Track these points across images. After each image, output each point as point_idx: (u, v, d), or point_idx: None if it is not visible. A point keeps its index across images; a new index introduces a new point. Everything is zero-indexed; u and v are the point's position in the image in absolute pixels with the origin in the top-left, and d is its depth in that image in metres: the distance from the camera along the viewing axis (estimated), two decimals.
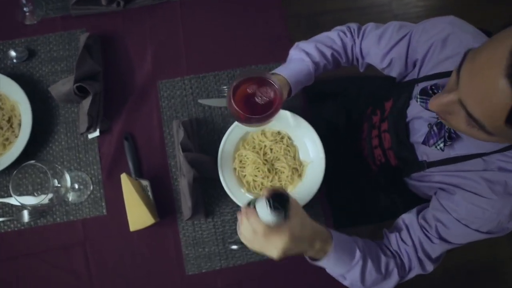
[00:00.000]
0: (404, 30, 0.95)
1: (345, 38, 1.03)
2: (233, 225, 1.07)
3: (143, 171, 1.09)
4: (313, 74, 1.02)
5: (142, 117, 1.12)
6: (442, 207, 0.87)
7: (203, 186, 1.08)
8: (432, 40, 0.87)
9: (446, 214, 0.86)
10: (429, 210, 0.91)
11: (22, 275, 1.05)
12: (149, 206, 1.03)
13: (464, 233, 0.84)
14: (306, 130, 1.06)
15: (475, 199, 0.81)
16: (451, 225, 0.85)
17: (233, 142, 1.06)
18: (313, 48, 1.01)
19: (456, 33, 0.84)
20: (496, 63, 0.54)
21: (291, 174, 1.05)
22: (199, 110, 1.12)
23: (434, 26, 0.89)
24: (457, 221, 0.84)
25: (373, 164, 1.14)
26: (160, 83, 1.13)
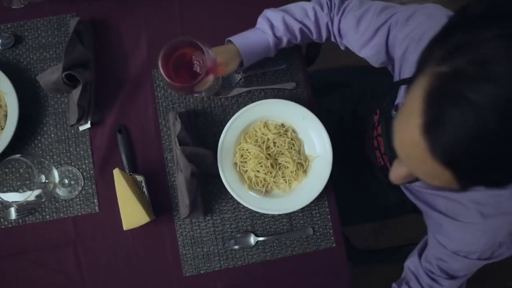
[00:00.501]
0: (385, 14, 0.84)
1: (320, 13, 0.93)
2: (233, 222, 1.01)
3: (138, 166, 1.03)
4: (272, 48, 0.95)
5: (136, 108, 1.05)
6: (438, 242, 0.83)
7: (201, 182, 1.01)
8: (408, 38, 0.78)
9: (442, 249, 0.81)
10: (428, 249, 0.87)
11: (9, 276, 0.99)
12: (143, 203, 0.96)
13: (467, 265, 0.80)
14: (312, 122, 0.99)
15: (466, 228, 0.76)
16: (451, 260, 0.81)
17: (233, 135, 0.99)
18: (279, 20, 0.93)
19: (433, 28, 0.74)
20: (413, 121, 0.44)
21: (295, 170, 0.99)
22: (198, 100, 1.05)
23: (413, 18, 0.79)
24: (455, 255, 0.80)
25: (376, 162, 1.07)
26: (155, 72, 1.06)
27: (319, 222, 1.02)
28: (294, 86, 1.06)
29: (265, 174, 0.98)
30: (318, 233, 1.01)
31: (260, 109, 1.00)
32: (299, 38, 0.96)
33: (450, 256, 0.81)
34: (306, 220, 1.02)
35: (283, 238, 1.01)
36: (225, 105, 1.05)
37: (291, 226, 1.01)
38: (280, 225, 1.01)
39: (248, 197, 0.97)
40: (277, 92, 1.06)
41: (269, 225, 1.01)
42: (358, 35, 0.89)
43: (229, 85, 1.06)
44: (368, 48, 0.89)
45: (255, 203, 0.96)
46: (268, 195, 0.99)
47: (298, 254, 1.01)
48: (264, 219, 1.01)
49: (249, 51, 0.93)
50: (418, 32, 0.76)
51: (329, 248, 1.01)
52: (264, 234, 1.01)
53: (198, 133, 1.03)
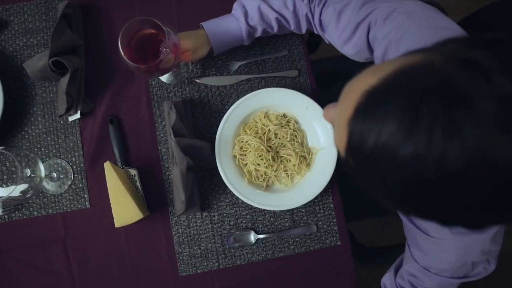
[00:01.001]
0: (365, 9, 0.76)
1: (300, 3, 0.86)
2: (232, 219, 0.95)
3: (131, 159, 0.97)
4: (245, 37, 0.91)
5: (129, 98, 0.98)
6: (411, 256, 0.79)
7: (198, 175, 0.95)
8: (387, 40, 0.71)
9: (415, 264, 0.78)
10: (403, 264, 0.84)
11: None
12: (137, 198, 0.90)
13: (439, 283, 0.76)
14: (316, 113, 0.93)
15: (436, 244, 0.71)
16: (422, 276, 0.77)
17: (232, 126, 0.93)
18: (255, 8, 0.87)
19: (411, 29, 0.67)
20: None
21: (298, 163, 0.93)
22: (194, 89, 0.99)
23: (392, 17, 0.71)
24: (426, 271, 0.76)
25: None
26: None
27: (323, 219, 0.96)
28: (297, 74, 0.99)
29: (265, 167, 0.92)
30: (322, 230, 0.96)
31: (261, 98, 0.93)
32: (275, 28, 0.90)
33: (421, 272, 0.77)
34: (309, 216, 0.96)
35: (285, 236, 0.95)
36: (224, 94, 0.99)
37: (293, 223, 0.96)
38: (282, 221, 0.96)
39: (248, 192, 0.91)
40: (279, 80, 1.00)
41: (270, 221, 0.95)
42: (338, 31, 0.82)
43: (227, 73, 0.99)
44: (349, 46, 0.82)
45: (255, 199, 0.91)
46: (269, 190, 0.93)
47: (301, 252, 0.95)
48: (265, 216, 0.95)
49: (219, 39, 0.89)
50: (397, 34, 0.69)
51: (334, 246, 0.96)
52: (265, 231, 0.95)
53: (195, 124, 0.97)
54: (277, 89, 0.94)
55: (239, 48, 0.99)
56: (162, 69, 0.82)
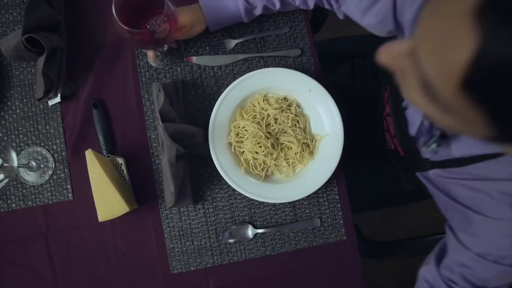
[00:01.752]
0: None
1: None
2: (228, 212, 0.87)
3: (117, 146, 0.88)
4: (243, 15, 0.84)
5: (115, 80, 0.90)
6: (460, 243, 0.68)
7: (190, 165, 0.87)
8: (417, 3, 0.63)
9: (466, 252, 0.67)
10: (449, 254, 0.72)
11: None
12: (123, 190, 0.82)
13: (499, 273, 0.65)
14: (320, 96, 0.84)
15: (496, 226, 0.61)
16: (477, 266, 0.66)
17: (228, 110, 0.84)
18: None
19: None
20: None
21: (300, 151, 0.84)
22: (186, 70, 0.90)
23: None
24: (482, 259, 0.65)
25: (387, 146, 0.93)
26: None
27: (327, 212, 0.88)
28: (299, 53, 0.90)
29: (264, 156, 0.83)
30: (326, 224, 0.88)
31: (259, 79, 0.85)
32: (278, 5, 0.82)
33: (476, 261, 0.66)
34: (312, 209, 0.88)
35: (285, 230, 0.87)
36: (218, 75, 0.90)
37: (295, 217, 0.87)
38: (283, 215, 0.87)
39: (245, 183, 0.83)
40: (279, 60, 0.91)
41: (270, 215, 0.87)
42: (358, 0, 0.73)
43: (223, 52, 0.90)
44: (372, 13, 0.73)
45: (253, 190, 0.82)
46: (268, 181, 0.85)
47: (303, 248, 0.87)
48: (264, 209, 0.87)
49: (215, 16, 0.82)
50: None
51: (339, 241, 0.88)
52: (263, 225, 0.87)
53: (187, 108, 0.89)
54: (278, 69, 0.85)
55: (236, 25, 0.90)
56: (156, 41, 0.74)
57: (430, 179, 0.77)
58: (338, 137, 0.83)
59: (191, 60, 0.90)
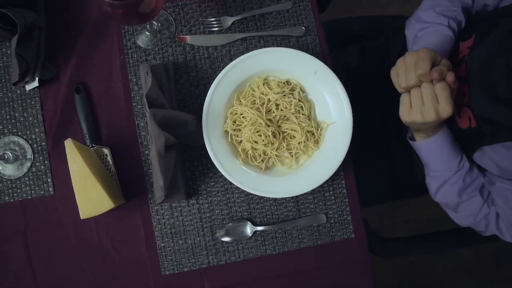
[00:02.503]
0: None
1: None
2: (225, 208, 0.79)
3: (102, 135, 0.80)
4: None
5: (99, 62, 0.81)
6: None
7: (183, 156, 0.79)
8: None
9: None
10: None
11: None
12: (108, 183, 0.74)
13: None
14: (327, 78, 0.76)
15: None
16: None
17: (224, 95, 0.76)
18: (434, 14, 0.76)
19: None
20: None
21: (304, 140, 0.76)
22: (178, 51, 0.81)
23: None
24: None
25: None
26: None
27: (334, 207, 0.80)
28: (303, 32, 0.82)
29: (264, 145, 0.75)
30: (332, 220, 0.80)
31: (259, 60, 0.76)
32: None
33: None
34: (317, 204, 0.80)
35: (288, 228, 0.79)
36: (214, 56, 0.81)
37: (298, 212, 0.79)
38: (285, 211, 0.79)
39: (243, 175, 0.75)
40: (281, 40, 0.82)
41: (270, 211, 0.79)
42: None
43: (218, 31, 0.82)
44: None
45: (252, 184, 0.74)
46: (269, 173, 0.77)
47: (308, 247, 0.79)
48: (264, 204, 0.79)
49: None
50: None
51: (347, 239, 0.80)
52: (264, 222, 0.79)
53: (179, 93, 0.80)
54: (279, 49, 0.76)
55: (233, 1, 0.81)
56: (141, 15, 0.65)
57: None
58: (346, 124, 0.75)
59: (183, 40, 0.81)
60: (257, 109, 0.76)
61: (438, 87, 0.61)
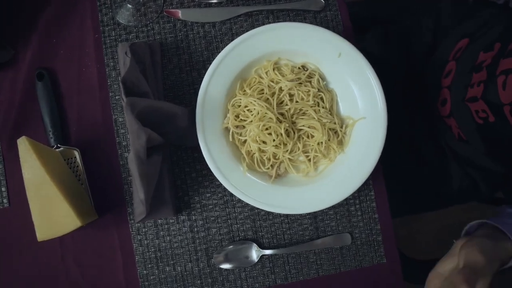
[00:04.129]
0: None
1: None
2: (224, 226, 0.63)
3: (70, 133, 0.64)
4: None
5: (68, 41, 0.65)
6: None
7: (170, 160, 0.63)
8: None
9: None
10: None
11: None
12: (76, 195, 0.58)
13: None
14: (354, 63, 0.60)
15: None
16: None
17: (224, 83, 0.60)
18: None
19: None
20: None
21: (326, 140, 0.60)
22: (167, 28, 0.65)
23: None
24: None
25: (460, 124, 0.69)
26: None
27: (360, 225, 0.64)
28: (322, 5, 0.66)
29: (275, 147, 0.59)
30: (359, 241, 0.64)
31: (268, 39, 0.60)
32: None
33: None
34: (340, 221, 0.64)
35: (303, 251, 0.63)
36: (211, 35, 0.65)
37: (316, 232, 0.63)
38: (299, 230, 0.63)
39: (248, 185, 0.58)
40: (294, 15, 0.66)
41: (281, 230, 0.63)
42: None
43: (217, 3, 0.66)
44: None
45: (259, 196, 0.58)
46: (280, 182, 0.60)
47: (328, 275, 0.63)
48: (274, 221, 0.63)
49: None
50: None
51: (377, 265, 0.64)
52: (273, 245, 0.63)
53: (167, 80, 0.64)
54: (294, 25, 0.60)
55: None
56: None
57: None
58: (379, 120, 0.59)
59: (173, 14, 0.65)
60: (266, 100, 0.60)
61: None
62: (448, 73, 0.73)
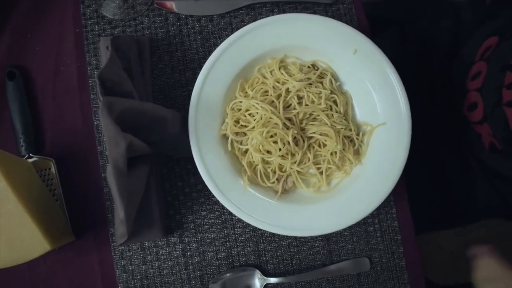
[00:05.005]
0: None
1: None
2: (222, 249, 0.54)
3: (45, 141, 0.55)
4: None
5: (44, 36, 0.57)
6: None
7: (159, 173, 0.54)
8: None
9: None
10: None
11: None
12: (48, 213, 0.50)
13: None
14: (372, 61, 0.52)
15: None
16: None
17: (222, 83, 0.52)
18: None
19: None
20: None
21: (340, 150, 0.51)
22: (158, 22, 0.57)
23: None
24: None
25: (495, 130, 0.61)
26: None
27: (380, 247, 0.55)
28: None
29: (282, 157, 0.50)
30: (379, 267, 0.55)
31: (273, 33, 0.52)
32: None
33: None
34: (357, 244, 0.55)
35: (314, 279, 0.54)
36: (208, 30, 0.57)
37: (329, 256, 0.54)
38: (310, 254, 0.54)
39: (250, 202, 0.50)
40: (302, 8, 0.58)
41: (289, 254, 0.54)
42: None
43: None
44: None
45: (263, 215, 0.49)
46: (287, 199, 0.52)
47: None
48: (280, 244, 0.54)
49: None
50: None
51: None
52: (279, 271, 0.54)
53: (157, 80, 0.56)
54: (303, 16, 0.52)
55: None
56: None
57: None
58: (402, 127, 0.51)
59: (165, 6, 0.57)
60: (271, 103, 0.51)
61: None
62: (476, 75, 0.65)
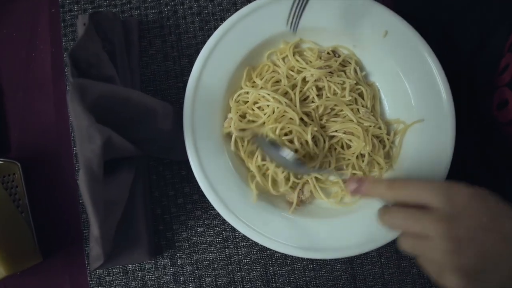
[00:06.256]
0: None
1: None
2: (222, 273, 0.44)
3: (10, 142, 0.46)
4: None
5: (13, 17, 0.48)
6: None
7: (147, 179, 0.45)
8: None
9: None
10: None
11: None
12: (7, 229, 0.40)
13: None
14: (407, 45, 0.43)
15: None
16: None
17: (224, 71, 0.43)
18: None
19: None
20: None
21: (369, 151, 0.42)
22: (148, 2, 0.49)
23: None
24: None
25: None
26: None
27: (414, 271, 0.45)
28: None
29: None
30: None
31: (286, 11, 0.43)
32: None
33: None
34: (386, 267, 0.45)
35: None
36: (208, 10, 0.48)
37: (353, 281, 0.45)
38: (330, 279, 0.45)
39: (258, 215, 0.40)
40: None
41: (304, 280, 0.45)
42: None
43: None
44: None
45: (274, 231, 0.40)
46: (303, 212, 0.42)
47: None
48: (293, 267, 0.45)
49: None
50: None
51: None
52: None
53: (147, 68, 0.47)
54: None
55: None
56: None
57: None
58: (444, 124, 0.41)
59: None
60: (285, 94, 0.42)
61: None
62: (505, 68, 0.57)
